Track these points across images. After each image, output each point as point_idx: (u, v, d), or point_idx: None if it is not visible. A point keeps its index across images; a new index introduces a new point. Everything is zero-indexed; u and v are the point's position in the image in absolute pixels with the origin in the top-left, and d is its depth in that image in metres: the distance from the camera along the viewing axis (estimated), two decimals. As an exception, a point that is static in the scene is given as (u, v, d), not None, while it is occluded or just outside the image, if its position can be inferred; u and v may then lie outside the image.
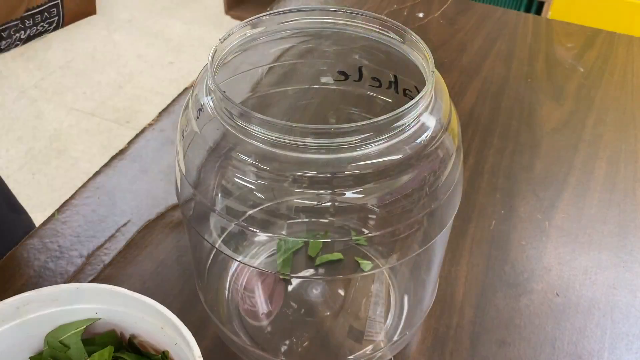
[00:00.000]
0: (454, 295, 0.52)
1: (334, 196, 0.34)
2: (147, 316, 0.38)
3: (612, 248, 0.57)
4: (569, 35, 0.88)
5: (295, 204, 0.35)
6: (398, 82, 0.41)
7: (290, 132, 0.31)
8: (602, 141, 0.70)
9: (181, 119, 0.38)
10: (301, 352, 0.46)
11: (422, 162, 0.34)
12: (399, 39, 0.39)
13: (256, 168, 0.33)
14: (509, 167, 0.66)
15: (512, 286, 0.53)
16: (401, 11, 0.92)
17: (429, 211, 0.36)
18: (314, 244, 0.51)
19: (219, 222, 0.39)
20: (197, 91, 0.37)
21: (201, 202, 0.38)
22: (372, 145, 0.32)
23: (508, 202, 0.62)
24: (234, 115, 0.33)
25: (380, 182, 0.33)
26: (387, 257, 0.48)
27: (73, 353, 0.38)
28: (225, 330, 0.46)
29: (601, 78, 0.80)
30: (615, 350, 0.49)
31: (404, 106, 0.32)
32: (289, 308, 0.49)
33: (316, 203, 0.34)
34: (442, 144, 0.35)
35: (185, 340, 0.35)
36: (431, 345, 0.48)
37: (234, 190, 0.35)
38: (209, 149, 0.35)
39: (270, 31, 0.41)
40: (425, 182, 0.35)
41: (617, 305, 0.52)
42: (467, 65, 0.81)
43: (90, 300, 0.38)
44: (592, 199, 0.62)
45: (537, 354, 0.48)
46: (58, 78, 1.97)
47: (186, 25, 2.26)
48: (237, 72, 0.42)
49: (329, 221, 0.39)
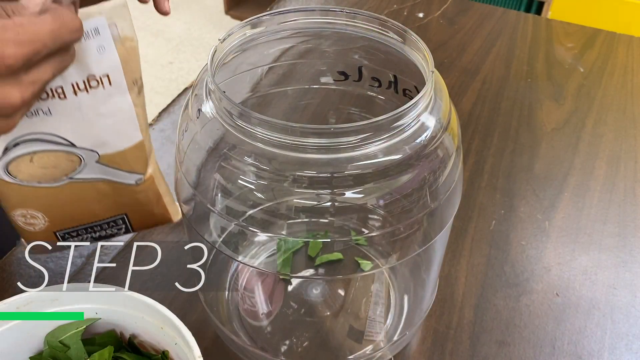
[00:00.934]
0: (454, 295, 0.52)
1: (334, 196, 0.34)
2: (147, 316, 0.38)
3: (612, 248, 0.57)
4: (569, 35, 0.88)
5: (295, 204, 0.35)
6: (398, 82, 0.41)
7: (290, 132, 0.31)
8: (602, 141, 0.70)
9: (181, 119, 0.38)
10: (301, 352, 0.46)
11: (421, 162, 0.34)
12: (399, 39, 0.39)
13: (256, 168, 0.33)
14: (509, 167, 0.66)
15: (512, 286, 0.53)
16: (401, 11, 0.92)
17: (429, 211, 0.36)
18: (313, 244, 0.51)
19: (218, 222, 0.39)
20: (197, 91, 0.37)
21: (201, 202, 0.38)
22: (372, 145, 0.32)
23: (508, 202, 0.62)
24: (234, 116, 0.33)
25: (380, 182, 0.33)
26: (387, 257, 0.48)
27: (73, 353, 0.38)
28: (225, 331, 0.46)
29: (601, 78, 0.80)
30: (615, 350, 0.49)
31: (404, 106, 0.32)
32: (289, 308, 0.49)
33: (316, 203, 0.34)
34: (441, 143, 0.35)
35: (185, 340, 0.35)
36: (431, 345, 0.48)
37: (233, 190, 0.35)
38: (209, 149, 0.35)
39: (270, 31, 0.41)
40: (425, 182, 0.35)
41: (617, 305, 0.52)
42: (467, 65, 0.81)
43: (90, 300, 0.38)
44: (592, 199, 0.62)
45: (537, 354, 0.48)
46: (58, 78, 1.97)
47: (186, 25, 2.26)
48: (237, 72, 0.42)
49: (329, 221, 0.39)
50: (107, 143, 0.41)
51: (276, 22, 0.40)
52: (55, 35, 0.31)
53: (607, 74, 0.80)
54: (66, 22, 0.31)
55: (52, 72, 0.32)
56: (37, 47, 0.30)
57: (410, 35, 0.38)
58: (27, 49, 0.29)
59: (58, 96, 0.37)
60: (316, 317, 0.49)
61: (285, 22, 0.41)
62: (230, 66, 0.40)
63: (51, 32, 0.30)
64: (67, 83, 0.37)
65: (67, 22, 0.31)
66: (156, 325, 0.37)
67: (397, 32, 0.39)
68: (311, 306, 0.49)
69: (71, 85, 0.37)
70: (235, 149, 0.33)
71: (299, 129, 0.31)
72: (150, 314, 0.37)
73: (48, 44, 0.30)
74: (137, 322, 0.38)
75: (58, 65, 0.32)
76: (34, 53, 0.30)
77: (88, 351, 0.39)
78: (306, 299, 0.49)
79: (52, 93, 0.37)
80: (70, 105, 0.38)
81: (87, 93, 0.37)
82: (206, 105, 0.35)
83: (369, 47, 0.41)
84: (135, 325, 0.39)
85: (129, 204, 0.45)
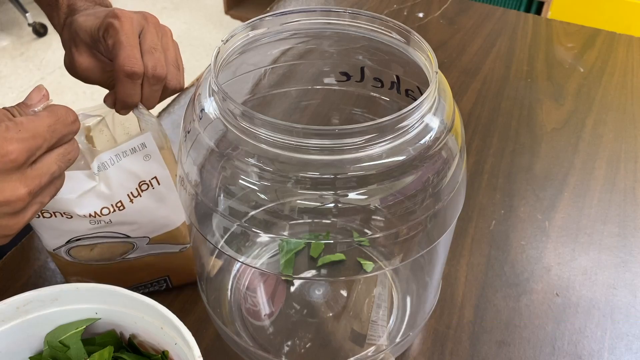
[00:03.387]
0: (454, 295, 0.52)
1: (337, 197, 0.33)
2: (147, 316, 0.38)
3: (612, 248, 0.57)
4: (569, 35, 0.88)
5: (298, 205, 0.35)
6: (400, 83, 0.41)
7: (293, 133, 0.31)
8: (602, 141, 0.70)
9: (184, 120, 0.38)
10: (303, 353, 0.46)
11: (425, 163, 0.34)
12: (402, 40, 0.39)
13: (259, 169, 0.33)
14: (509, 167, 0.66)
15: (512, 286, 0.53)
16: (401, 11, 0.92)
17: (433, 212, 0.36)
18: (316, 245, 0.51)
19: (221, 223, 0.39)
20: (200, 92, 0.37)
21: (203, 202, 0.37)
22: (375, 146, 0.32)
23: (508, 202, 0.62)
24: (237, 116, 0.33)
25: (383, 183, 0.33)
26: (390, 259, 0.48)
27: (73, 353, 0.38)
28: (227, 331, 0.46)
29: (601, 78, 0.80)
30: (615, 350, 0.49)
31: (408, 107, 0.32)
32: (291, 309, 0.49)
33: (319, 204, 0.34)
34: (445, 144, 0.35)
35: (185, 340, 0.35)
36: (431, 345, 0.48)
37: (236, 191, 0.35)
38: (212, 149, 0.35)
39: (272, 32, 0.40)
40: (428, 183, 0.34)
41: (617, 305, 0.52)
42: (467, 65, 0.81)
43: (90, 300, 0.38)
44: (592, 199, 0.62)
45: (537, 354, 0.48)
46: (58, 78, 1.96)
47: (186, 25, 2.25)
48: (239, 73, 0.42)
49: (332, 222, 0.39)
50: (158, 229, 0.46)
51: (278, 22, 0.40)
52: (53, 129, 0.33)
53: (607, 74, 0.81)
54: (61, 116, 0.34)
55: (57, 164, 0.34)
56: (38, 142, 0.32)
57: (413, 36, 0.37)
58: (28, 144, 0.32)
59: (118, 209, 0.43)
60: (318, 318, 0.48)
61: (287, 23, 0.40)
62: (232, 67, 0.40)
63: (49, 126, 0.33)
64: (124, 195, 0.42)
65: (62, 116, 0.34)
66: (156, 325, 0.37)
67: (400, 32, 0.38)
68: (313, 307, 0.49)
69: (127, 196, 0.43)
70: (238, 150, 0.33)
71: (302, 130, 0.31)
72: (150, 314, 0.37)
73: (48, 138, 0.33)
74: (137, 322, 0.38)
75: (62, 158, 0.35)
76: (36, 148, 0.32)
77: (88, 351, 0.39)
78: (308, 300, 0.49)
79: (113, 208, 0.42)
80: (129, 212, 0.43)
81: (141, 197, 0.43)
82: (209, 106, 0.35)
83: (371, 47, 0.41)
84: (135, 325, 0.39)
85: (172, 268, 0.50)
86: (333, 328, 0.48)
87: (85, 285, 0.38)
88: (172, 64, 0.43)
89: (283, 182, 0.33)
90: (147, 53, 0.41)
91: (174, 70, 0.44)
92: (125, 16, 0.41)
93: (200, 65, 2.01)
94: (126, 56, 0.40)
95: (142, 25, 0.43)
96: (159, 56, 0.42)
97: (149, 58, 0.41)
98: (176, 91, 0.45)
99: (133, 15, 0.42)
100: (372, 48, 0.41)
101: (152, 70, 0.41)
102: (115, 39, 0.41)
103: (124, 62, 0.40)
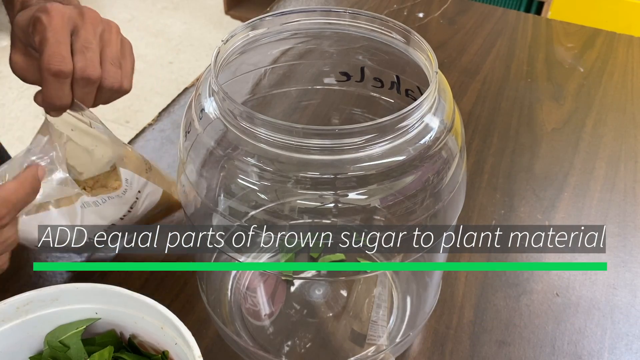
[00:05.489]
0: (454, 295, 0.52)
1: (337, 197, 0.34)
2: (147, 316, 0.38)
3: (612, 248, 0.57)
4: (569, 35, 0.88)
5: (298, 205, 0.35)
6: (400, 83, 0.41)
7: (294, 133, 0.31)
8: (602, 141, 0.70)
9: (184, 120, 0.38)
10: (303, 353, 0.46)
11: (425, 163, 0.34)
12: (402, 40, 0.39)
13: (259, 169, 0.33)
14: (509, 167, 0.66)
15: (512, 286, 0.53)
16: (401, 11, 0.92)
17: (433, 212, 0.36)
18: (316, 245, 0.51)
19: (221, 223, 0.39)
20: (200, 92, 0.37)
21: (204, 202, 0.38)
22: (375, 146, 0.32)
23: (508, 202, 0.62)
24: (237, 116, 0.33)
25: (383, 183, 0.33)
26: (390, 259, 0.48)
27: (73, 353, 0.38)
28: (228, 331, 0.46)
29: (601, 78, 0.80)
30: (615, 350, 0.49)
31: (408, 107, 0.32)
32: (291, 309, 0.49)
33: (319, 204, 0.34)
34: (445, 144, 0.35)
35: (185, 340, 0.35)
36: (431, 345, 0.48)
37: (236, 190, 0.35)
38: (212, 149, 0.35)
39: (272, 32, 0.40)
40: (428, 183, 0.35)
41: (617, 305, 0.52)
42: (467, 65, 0.81)
43: (90, 300, 0.38)
44: (592, 199, 0.62)
45: (537, 354, 0.48)
46: (57, 77, 1.96)
47: (186, 25, 2.25)
48: (239, 73, 0.42)
49: (332, 222, 0.39)
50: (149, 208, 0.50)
51: (278, 23, 0.40)
52: (18, 195, 0.37)
53: (607, 74, 0.81)
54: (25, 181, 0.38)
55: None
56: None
57: (413, 36, 0.37)
58: None
59: None
60: (318, 318, 0.49)
61: (287, 23, 0.41)
62: (232, 67, 0.40)
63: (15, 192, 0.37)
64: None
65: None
66: (156, 325, 0.37)
67: (400, 32, 0.38)
68: (313, 307, 0.49)
69: None
70: (238, 150, 0.33)
71: (302, 130, 0.31)
72: (150, 314, 0.37)
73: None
74: (137, 322, 0.38)
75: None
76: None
77: (88, 351, 0.39)
78: (308, 299, 0.49)
79: None
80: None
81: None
82: (209, 106, 0.35)
83: (371, 47, 0.41)
84: (135, 325, 0.39)
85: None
86: (333, 328, 0.48)
87: (85, 285, 0.38)
88: (110, 62, 0.40)
89: (283, 182, 0.33)
90: (78, 52, 0.38)
91: (112, 69, 0.40)
92: (55, 11, 0.38)
93: (200, 65, 2.01)
94: (52, 53, 0.37)
95: (75, 22, 0.39)
96: (91, 55, 0.39)
97: (80, 58, 0.38)
98: (118, 92, 0.41)
99: (65, 11, 0.39)
100: (372, 48, 0.41)
101: (80, 71, 0.38)
102: (42, 36, 0.37)
103: (49, 60, 0.37)
